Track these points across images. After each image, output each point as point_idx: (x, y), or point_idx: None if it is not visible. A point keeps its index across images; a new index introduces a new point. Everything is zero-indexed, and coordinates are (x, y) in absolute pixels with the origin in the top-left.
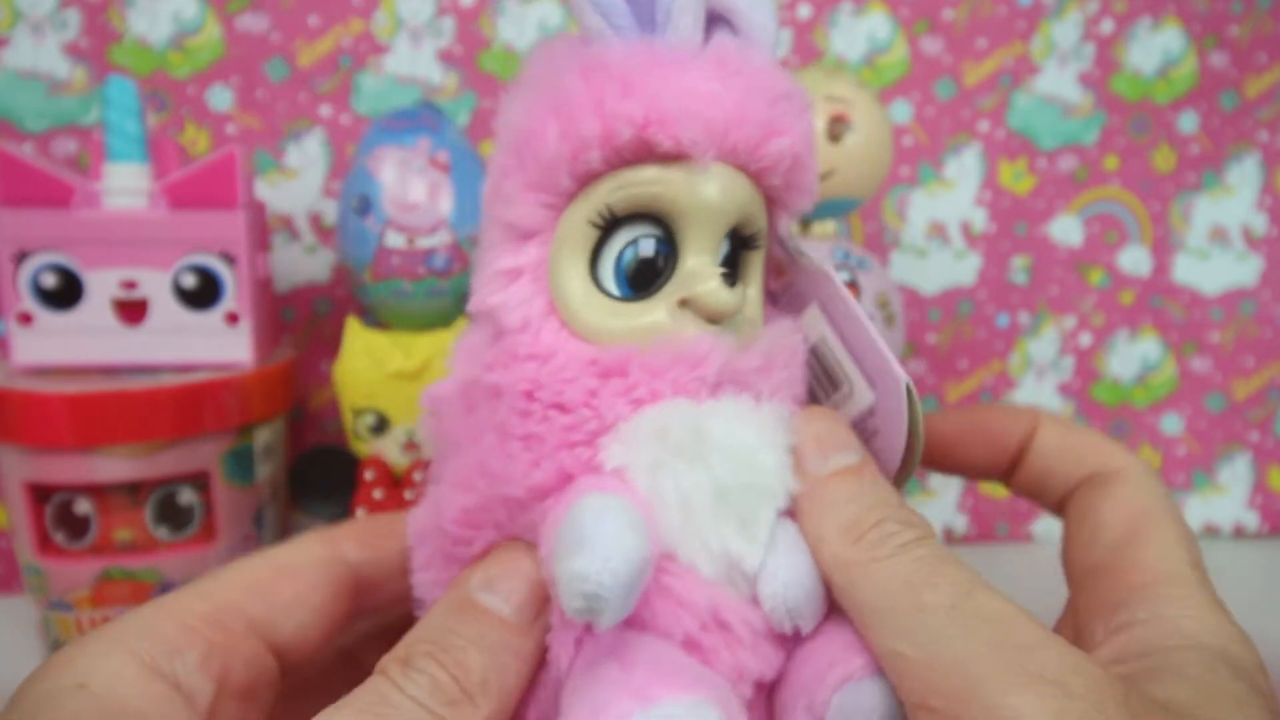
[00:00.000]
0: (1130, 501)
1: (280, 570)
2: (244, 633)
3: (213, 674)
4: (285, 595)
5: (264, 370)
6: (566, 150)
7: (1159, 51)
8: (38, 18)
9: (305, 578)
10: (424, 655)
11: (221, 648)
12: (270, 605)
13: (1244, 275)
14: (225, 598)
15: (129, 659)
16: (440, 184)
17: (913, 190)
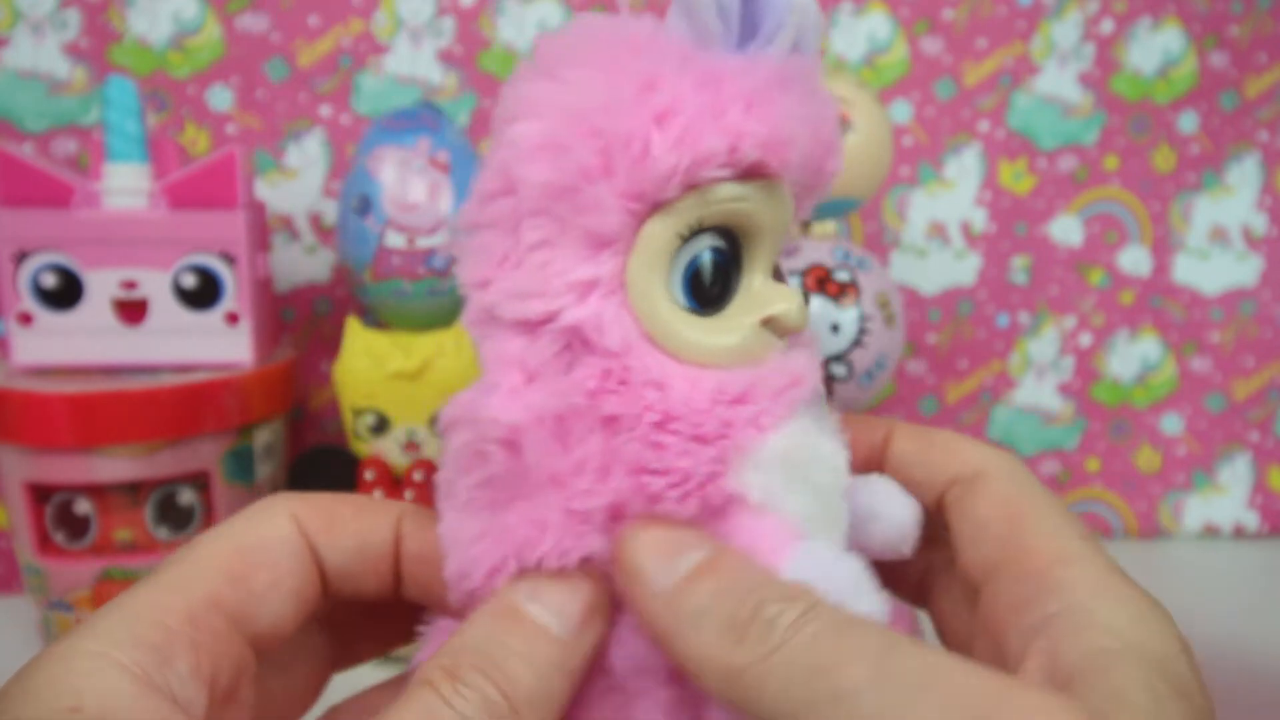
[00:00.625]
0: (1001, 494)
1: (252, 555)
2: (225, 630)
3: (204, 681)
4: (260, 583)
5: (264, 370)
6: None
7: (1159, 51)
8: (38, 18)
9: (279, 563)
10: (472, 668)
11: (208, 651)
12: (247, 595)
13: (1244, 275)
14: (202, 590)
15: (121, 675)
16: (440, 184)
17: (913, 190)
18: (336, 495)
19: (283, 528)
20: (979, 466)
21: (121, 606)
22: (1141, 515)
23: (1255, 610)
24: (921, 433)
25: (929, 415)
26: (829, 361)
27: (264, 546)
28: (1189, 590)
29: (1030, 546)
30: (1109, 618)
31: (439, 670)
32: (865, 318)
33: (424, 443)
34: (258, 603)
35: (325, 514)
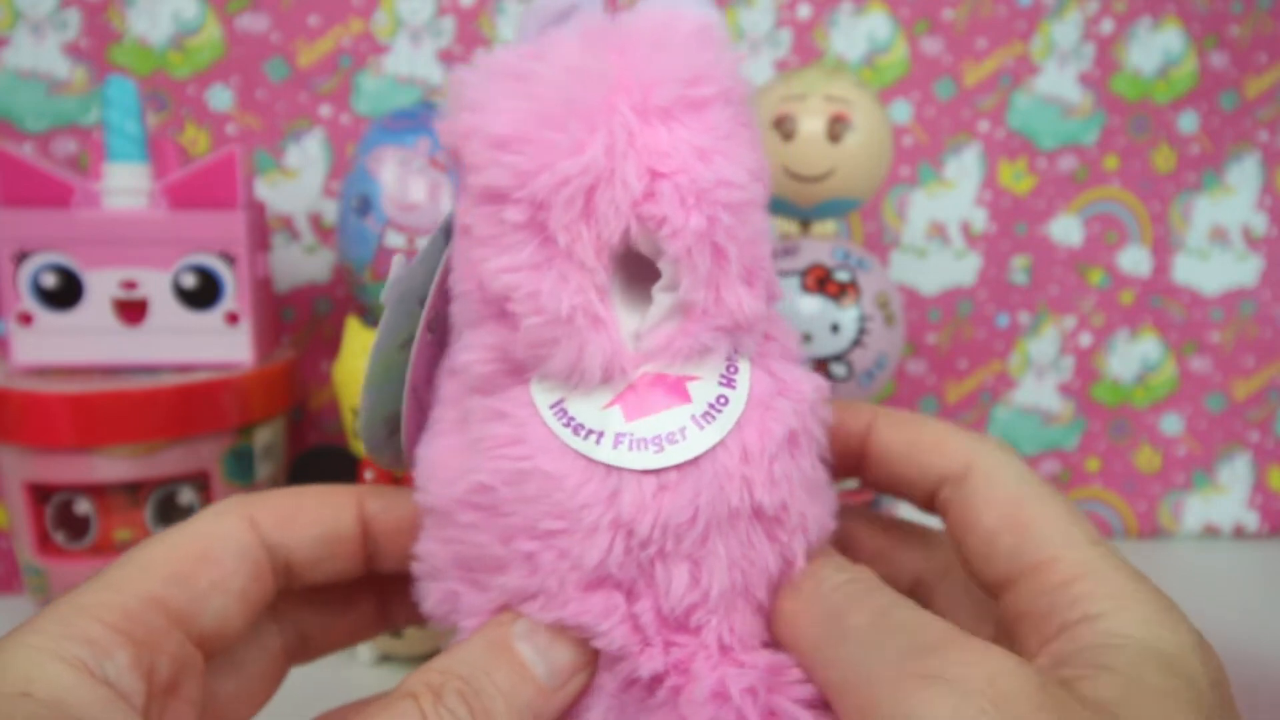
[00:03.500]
0: (1002, 499)
1: (197, 555)
2: (166, 627)
3: (143, 674)
4: (203, 583)
5: (264, 370)
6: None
7: (1159, 51)
8: (38, 18)
9: (224, 563)
10: (456, 693)
11: (146, 645)
12: (189, 595)
13: (1244, 275)
14: (143, 589)
15: (63, 665)
16: (440, 184)
17: (913, 190)
18: (297, 489)
19: (231, 528)
20: (968, 461)
21: (62, 605)
22: (1141, 515)
23: (1255, 610)
24: (907, 423)
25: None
26: (829, 361)
27: (209, 547)
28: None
29: (1045, 559)
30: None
31: (424, 685)
32: (865, 318)
33: None
34: (200, 602)
35: (285, 508)
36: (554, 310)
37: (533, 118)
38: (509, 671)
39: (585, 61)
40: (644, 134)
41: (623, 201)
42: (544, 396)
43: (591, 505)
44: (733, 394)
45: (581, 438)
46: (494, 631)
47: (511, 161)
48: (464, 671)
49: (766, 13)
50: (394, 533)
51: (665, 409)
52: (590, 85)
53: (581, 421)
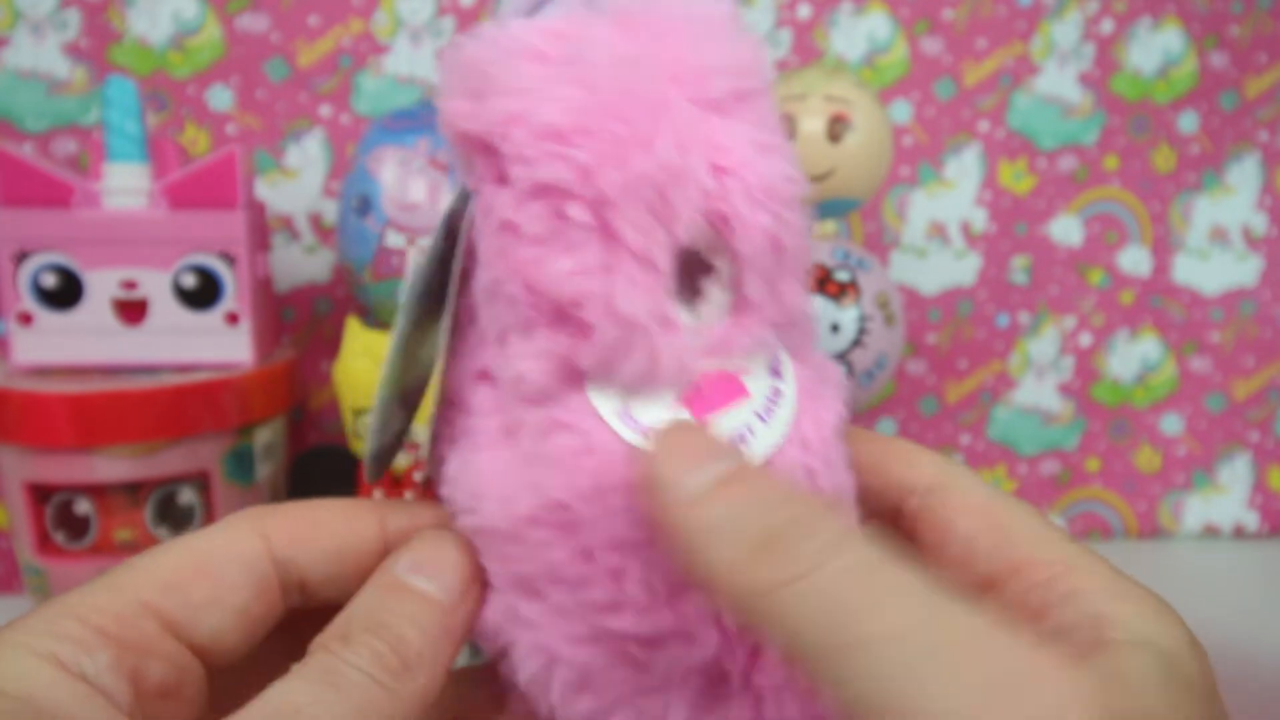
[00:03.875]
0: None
1: (199, 567)
2: (158, 632)
3: (125, 674)
4: (200, 596)
5: (264, 370)
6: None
7: (1159, 51)
8: (38, 18)
9: (225, 577)
10: (363, 630)
11: (134, 648)
12: (183, 605)
13: (1244, 275)
14: (137, 595)
15: (40, 661)
16: (440, 184)
17: (913, 190)
18: (320, 502)
19: (239, 543)
20: (934, 478)
21: (51, 605)
22: (1141, 515)
23: (1255, 610)
24: (873, 439)
25: (929, 415)
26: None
27: (214, 559)
28: (1189, 590)
29: (1026, 558)
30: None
31: (332, 638)
32: (865, 318)
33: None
34: (195, 614)
35: (304, 522)
36: (629, 316)
37: (592, 108)
38: (406, 601)
39: (635, 48)
40: (703, 127)
41: (696, 199)
42: (606, 404)
43: None
44: (784, 386)
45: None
46: (378, 579)
47: (574, 156)
48: (365, 614)
49: (766, 13)
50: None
51: (730, 406)
52: (646, 74)
53: (650, 425)
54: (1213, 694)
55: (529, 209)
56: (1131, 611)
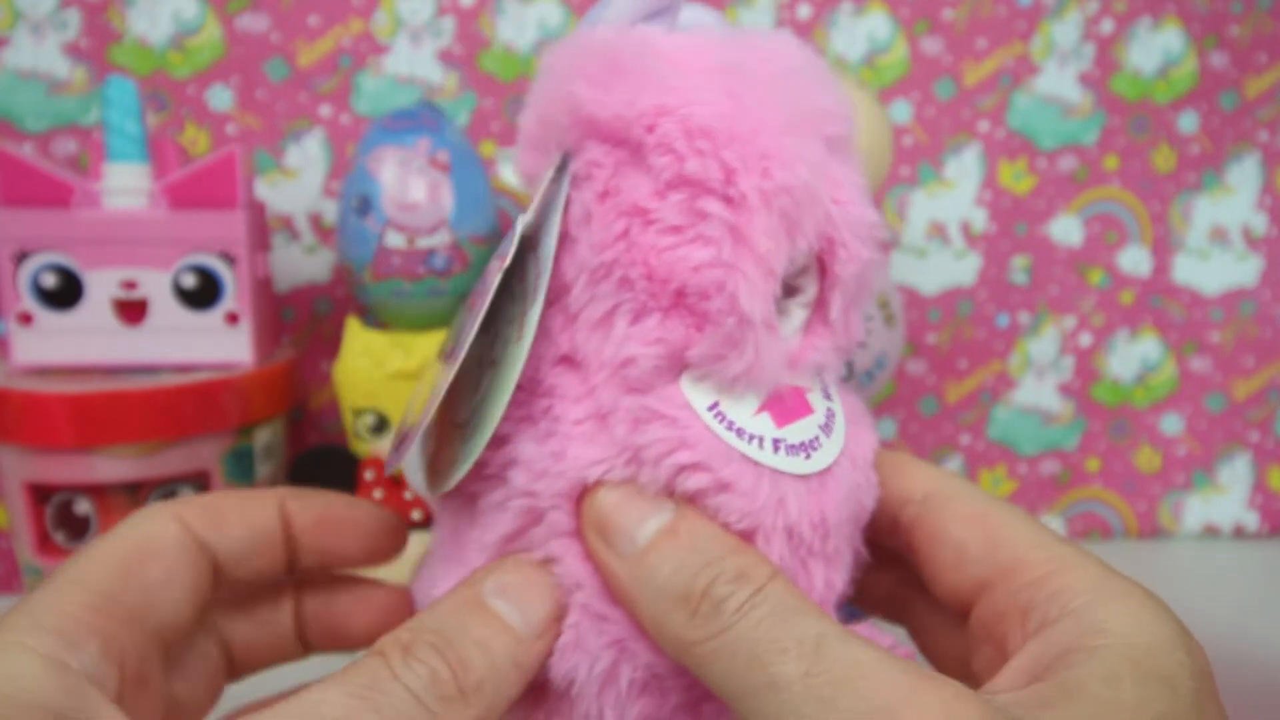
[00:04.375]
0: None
1: (143, 552)
2: (126, 620)
3: (114, 663)
4: (154, 576)
5: (264, 370)
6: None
7: (1159, 51)
8: (38, 18)
9: (168, 557)
10: (428, 645)
11: (112, 637)
12: (142, 589)
13: (1244, 275)
14: (98, 585)
15: (31, 657)
16: (440, 184)
17: (913, 190)
18: (217, 492)
19: (167, 527)
20: (929, 488)
21: (26, 603)
22: (1141, 515)
23: (1255, 610)
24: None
25: (929, 415)
26: None
27: (152, 545)
28: (1189, 590)
29: (1018, 559)
30: (1105, 615)
31: (394, 644)
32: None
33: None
34: (154, 596)
35: (210, 510)
36: (749, 313)
37: (743, 118)
38: (483, 623)
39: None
40: (828, 160)
41: (819, 221)
42: (700, 398)
43: (766, 509)
44: (835, 408)
45: (746, 441)
46: (464, 591)
47: (724, 156)
48: (435, 626)
49: (766, 13)
50: (313, 530)
51: (802, 418)
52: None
53: (741, 425)
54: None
55: (669, 199)
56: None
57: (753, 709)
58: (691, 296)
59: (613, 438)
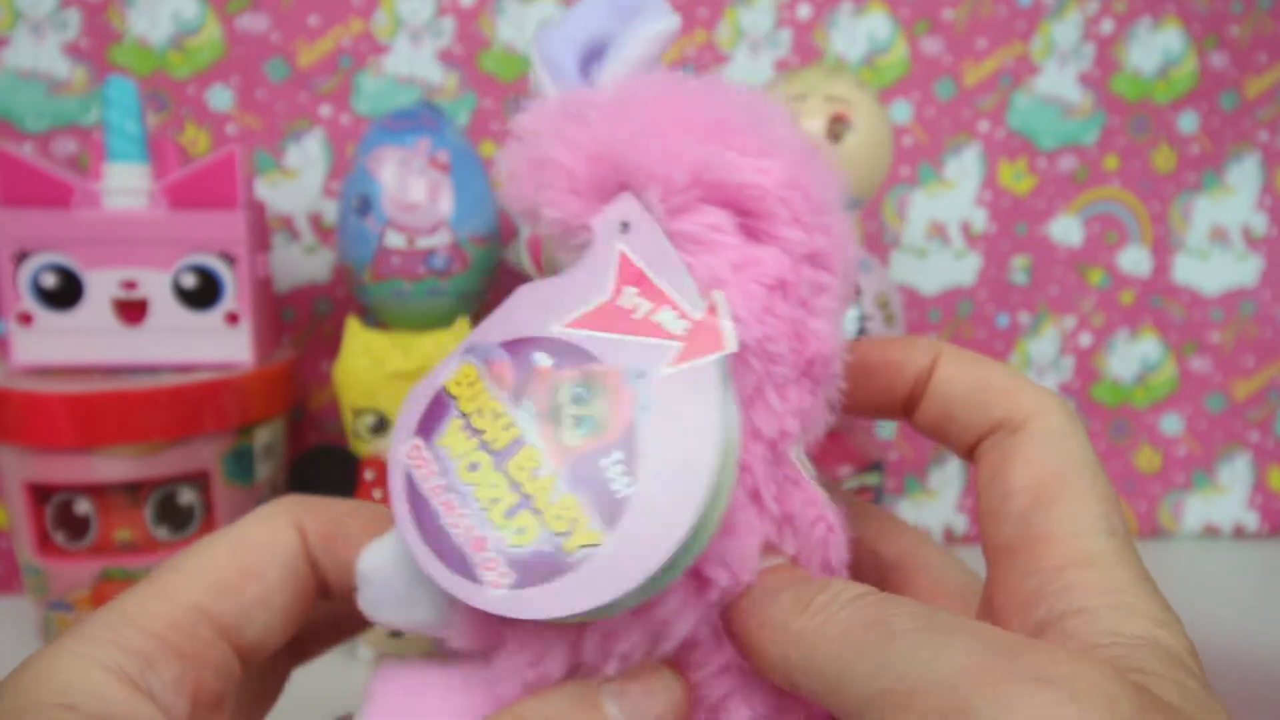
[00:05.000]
0: (1040, 462)
1: (246, 565)
2: (212, 639)
3: (187, 690)
4: (250, 595)
5: (264, 370)
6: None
7: (1159, 51)
8: (38, 18)
9: (270, 575)
10: None
11: (193, 659)
12: (236, 607)
13: (1244, 275)
14: (189, 598)
15: (107, 676)
16: (440, 184)
17: (913, 190)
18: (347, 505)
19: (282, 537)
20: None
21: (110, 612)
22: (1141, 515)
23: (1255, 610)
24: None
25: None
26: None
27: (258, 557)
28: (1189, 590)
29: (1051, 535)
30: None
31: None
32: (865, 318)
33: None
34: (246, 616)
35: (333, 525)
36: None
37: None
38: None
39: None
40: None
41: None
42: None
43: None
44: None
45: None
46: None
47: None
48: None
49: (766, 13)
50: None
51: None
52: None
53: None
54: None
55: (801, 272)
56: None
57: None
58: (817, 366)
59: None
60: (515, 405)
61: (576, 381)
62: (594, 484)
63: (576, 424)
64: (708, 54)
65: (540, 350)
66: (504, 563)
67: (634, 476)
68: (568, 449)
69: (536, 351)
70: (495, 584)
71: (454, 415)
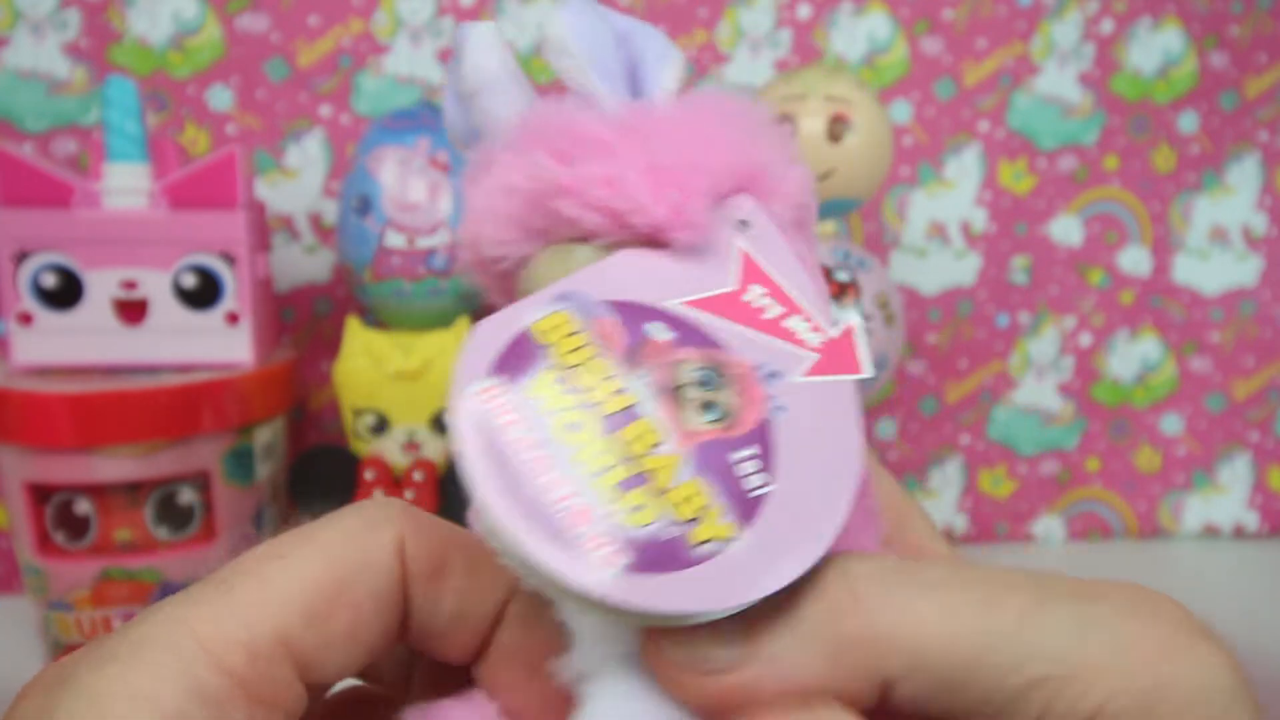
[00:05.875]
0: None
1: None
2: (289, 678)
3: None
4: (339, 627)
5: (264, 370)
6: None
7: (1159, 51)
8: (38, 18)
9: (366, 604)
10: None
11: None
12: (321, 638)
13: (1244, 275)
14: (275, 627)
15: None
16: (440, 184)
17: (913, 190)
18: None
19: (383, 558)
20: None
21: (174, 627)
22: (1141, 515)
23: (1255, 610)
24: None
25: (929, 415)
26: None
27: (355, 578)
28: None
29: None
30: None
31: None
32: (865, 317)
33: (424, 443)
34: (329, 649)
35: (435, 555)
36: None
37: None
38: None
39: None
40: None
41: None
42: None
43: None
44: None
45: None
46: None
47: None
48: None
49: (766, 13)
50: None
51: None
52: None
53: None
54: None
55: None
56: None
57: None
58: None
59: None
60: (628, 371)
61: (701, 364)
62: (725, 475)
63: (703, 408)
64: (708, 54)
65: (657, 321)
66: (617, 541)
67: (772, 476)
68: (693, 432)
69: (652, 321)
70: (606, 563)
71: (547, 364)
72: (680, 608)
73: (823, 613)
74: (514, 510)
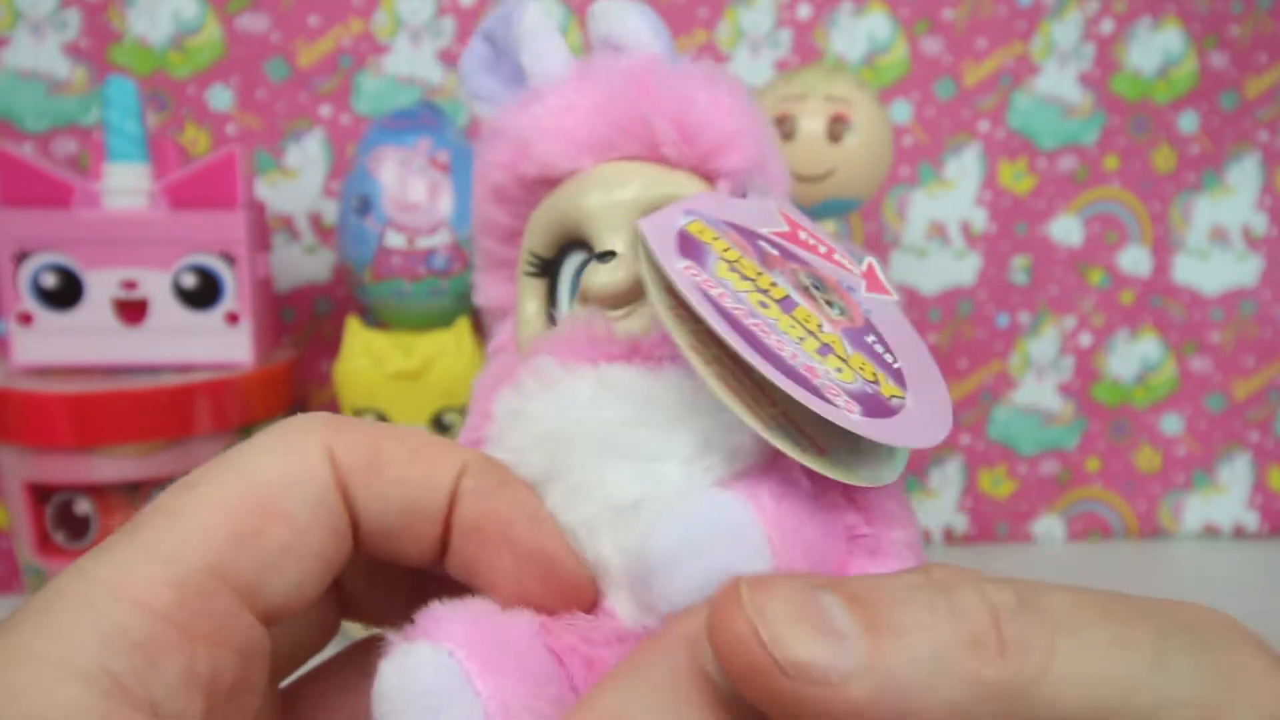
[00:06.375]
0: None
1: (265, 504)
2: (232, 608)
3: (199, 686)
4: (275, 543)
5: (264, 370)
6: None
7: (1159, 51)
8: (38, 18)
9: (299, 515)
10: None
11: (207, 640)
12: (256, 559)
13: (1244, 275)
14: (202, 557)
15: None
16: (440, 184)
17: (913, 190)
18: (381, 428)
19: (311, 464)
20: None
21: (88, 583)
22: (1141, 515)
23: (1255, 610)
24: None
25: None
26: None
27: (284, 491)
28: (1189, 590)
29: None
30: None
31: None
32: None
33: None
34: (269, 569)
35: (369, 451)
36: None
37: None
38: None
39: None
40: None
41: None
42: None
43: None
44: None
45: None
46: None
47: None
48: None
49: (766, 13)
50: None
51: None
52: None
53: None
54: None
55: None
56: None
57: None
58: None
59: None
60: (768, 271)
61: (807, 274)
62: (870, 352)
63: (829, 305)
64: (707, 54)
65: (763, 241)
66: (844, 393)
67: (894, 357)
68: (835, 320)
69: (760, 240)
70: (849, 408)
71: (717, 257)
72: (914, 442)
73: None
74: (770, 364)
